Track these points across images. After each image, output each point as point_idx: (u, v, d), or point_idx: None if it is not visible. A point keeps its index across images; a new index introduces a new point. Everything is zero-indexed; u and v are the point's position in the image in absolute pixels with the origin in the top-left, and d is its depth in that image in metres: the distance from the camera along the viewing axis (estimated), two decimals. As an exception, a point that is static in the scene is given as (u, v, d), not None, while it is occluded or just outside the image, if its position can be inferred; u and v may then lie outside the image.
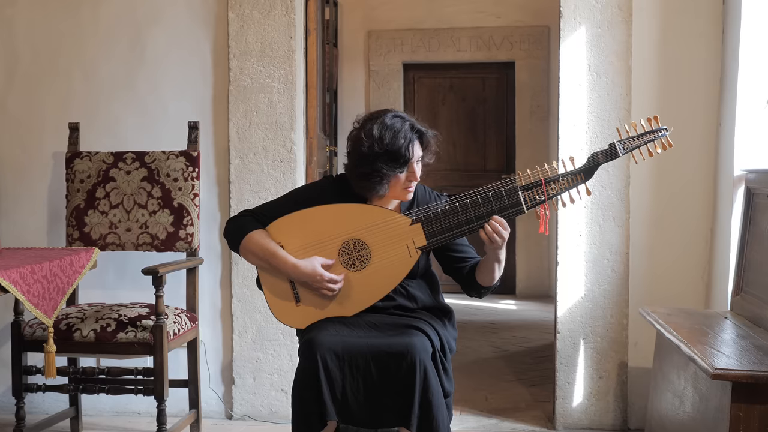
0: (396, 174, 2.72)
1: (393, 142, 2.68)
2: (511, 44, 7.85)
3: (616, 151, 2.66)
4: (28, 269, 2.85)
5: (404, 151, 2.69)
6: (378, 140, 2.68)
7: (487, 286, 2.81)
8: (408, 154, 2.70)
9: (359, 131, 2.75)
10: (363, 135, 2.72)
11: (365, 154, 2.70)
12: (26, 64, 4.12)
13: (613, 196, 3.80)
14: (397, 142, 2.68)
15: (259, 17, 3.94)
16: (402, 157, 2.69)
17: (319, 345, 2.59)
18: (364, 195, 2.81)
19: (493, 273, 2.75)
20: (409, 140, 2.70)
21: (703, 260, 3.81)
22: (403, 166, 2.71)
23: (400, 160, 2.69)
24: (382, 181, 2.71)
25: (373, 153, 2.68)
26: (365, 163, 2.71)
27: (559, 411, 3.87)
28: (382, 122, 2.71)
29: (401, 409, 2.57)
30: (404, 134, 2.70)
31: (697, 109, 3.78)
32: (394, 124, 2.71)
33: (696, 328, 3.01)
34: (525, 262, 7.95)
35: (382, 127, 2.70)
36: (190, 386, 3.72)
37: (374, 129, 2.70)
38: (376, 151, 2.68)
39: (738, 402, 2.45)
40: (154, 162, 3.77)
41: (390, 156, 2.68)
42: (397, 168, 2.70)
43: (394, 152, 2.68)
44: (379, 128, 2.70)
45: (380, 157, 2.68)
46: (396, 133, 2.69)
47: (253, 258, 2.80)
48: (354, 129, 2.80)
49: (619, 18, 3.77)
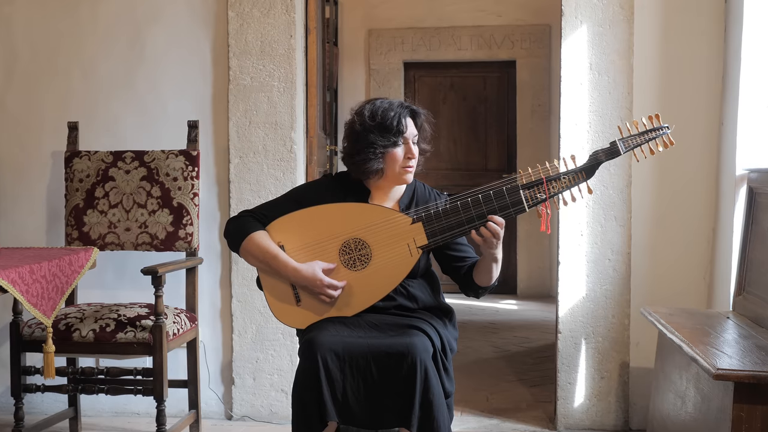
0: (391, 149, 2.75)
1: (384, 115, 2.76)
2: (512, 43, 7.83)
3: (618, 150, 2.65)
4: (26, 269, 2.84)
5: (395, 123, 2.75)
6: (370, 117, 2.77)
7: (485, 286, 2.81)
8: (401, 127, 2.75)
9: (352, 115, 2.85)
10: (355, 116, 2.82)
11: (358, 131, 2.78)
12: (25, 62, 4.11)
13: (614, 195, 3.79)
14: (387, 115, 2.76)
15: (258, 16, 3.93)
16: (394, 128, 2.74)
17: (319, 345, 2.58)
18: (362, 178, 2.82)
19: (490, 273, 2.75)
20: (400, 114, 2.77)
21: (705, 260, 3.80)
22: (396, 137, 2.75)
23: (392, 131, 2.74)
24: (376, 153, 2.75)
25: (365, 127, 2.76)
26: (359, 140, 2.77)
27: (561, 411, 3.86)
28: (373, 103, 2.82)
29: (402, 409, 2.56)
30: (394, 109, 2.79)
31: (699, 108, 3.77)
32: (383, 103, 2.82)
33: (698, 328, 3.01)
34: (526, 262, 7.94)
35: (373, 106, 2.80)
36: (190, 386, 3.71)
37: (365, 109, 2.81)
38: (368, 125, 2.76)
39: (740, 402, 2.44)
40: (153, 161, 3.76)
41: (382, 128, 2.75)
42: (391, 139, 2.74)
43: (385, 124, 2.75)
44: (371, 107, 2.80)
45: (373, 129, 2.75)
46: (386, 109, 2.78)
47: (253, 260, 2.79)
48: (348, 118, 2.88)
49: (621, 16, 3.76)
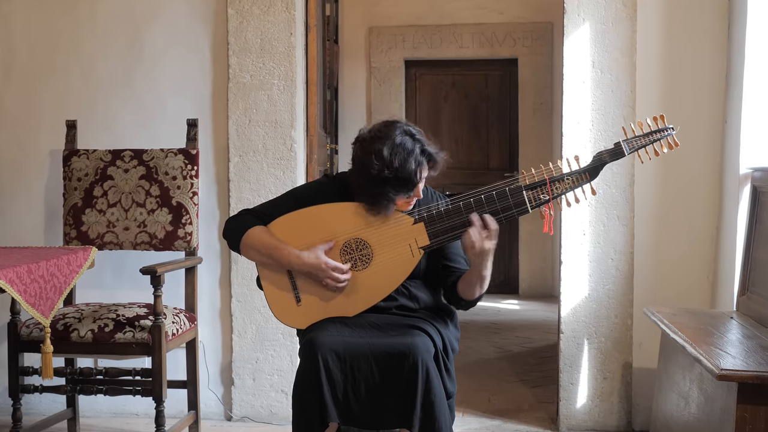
0: (403, 197, 2.69)
1: (403, 166, 2.60)
2: (514, 41, 7.82)
3: (622, 151, 2.64)
4: (24, 269, 2.82)
5: (413, 176, 2.64)
6: (388, 164, 2.60)
7: (466, 299, 2.78)
8: (416, 179, 2.66)
9: (368, 148, 2.65)
10: (373, 156, 2.62)
11: (373, 176, 2.62)
12: (23, 60, 4.09)
13: (617, 194, 3.77)
14: (407, 167, 2.61)
15: (258, 13, 3.92)
16: (411, 183, 2.65)
17: (320, 345, 2.57)
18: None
19: (473, 288, 2.72)
20: (419, 164, 2.64)
21: (708, 259, 3.78)
22: (411, 190, 2.67)
23: (408, 186, 2.65)
24: (389, 205, 2.67)
25: (381, 177, 2.61)
26: (374, 186, 2.64)
27: (563, 412, 3.85)
28: (393, 142, 2.62)
29: (403, 410, 2.55)
30: (415, 158, 2.63)
31: (703, 106, 3.76)
32: (405, 144, 2.63)
33: (701, 328, 3.00)
34: (528, 262, 7.93)
35: (392, 149, 2.61)
36: (189, 387, 3.70)
37: (384, 150, 2.61)
38: (386, 176, 2.61)
39: (744, 403, 2.44)
40: (152, 160, 3.74)
41: (399, 181, 2.63)
42: (405, 192, 2.66)
43: (403, 178, 2.62)
44: (389, 150, 2.61)
45: (389, 181, 2.61)
46: (406, 157, 2.61)
47: (254, 254, 2.77)
48: (361, 139, 2.70)
49: (624, 14, 3.75)
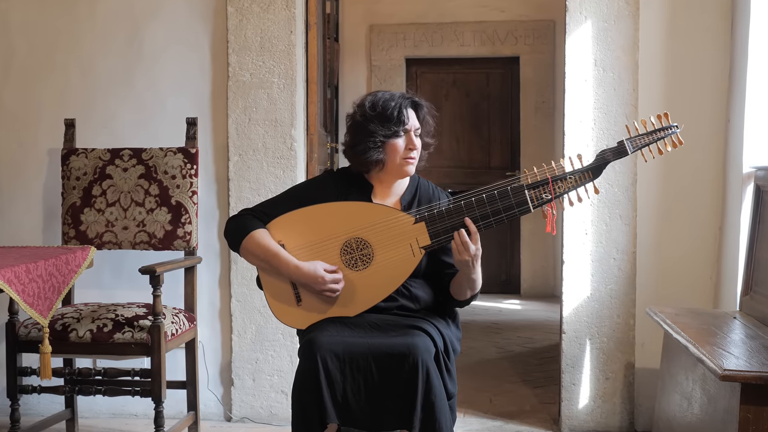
0: (392, 139, 2.73)
1: (385, 105, 2.74)
2: (516, 39, 7.80)
3: (625, 149, 2.62)
4: (23, 268, 2.82)
5: (396, 112, 2.72)
6: (370, 107, 2.76)
7: (457, 300, 2.78)
8: (402, 117, 2.73)
9: (353, 107, 2.83)
10: (356, 108, 2.81)
11: (359, 122, 2.77)
12: (22, 58, 4.08)
13: (619, 193, 3.75)
14: (388, 105, 2.74)
15: (258, 11, 3.90)
16: (395, 118, 2.72)
17: (319, 346, 2.56)
18: (363, 170, 2.81)
19: (462, 289, 2.74)
20: (401, 104, 2.76)
21: (711, 259, 3.76)
22: (397, 126, 2.72)
23: (393, 121, 2.72)
24: (377, 144, 2.73)
25: (366, 118, 2.75)
26: (360, 130, 2.76)
27: (565, 413, 3.83)
28: (375, 95, 2.81)
29: (403, 411, 2.54)
30: (396, 99, 2.77)
31: (706, 105, 3.75)
32: (384, 94, 2.80)
33: (704, 328, 2.99)
34: (530, 261, 7.91)
35: (375, 97, 2.79)
36: (189, 388, 3.68)
37: (366, 100, 2.79)
38: (369, 115, 2.75)
39: (747, 404, 2.43)
40: (151, 159, 3.73)
41: (383, 118, 2.74)
42: (392, 129, 2.72)
43: (386, 115, 2.73)
44: (372, 98, 2.79)
45: (373, 119, 2.74)
46: (387, 99, 2.76)
47: (253, 259, 2.77)
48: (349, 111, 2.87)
49: (626, 12, 3.73)
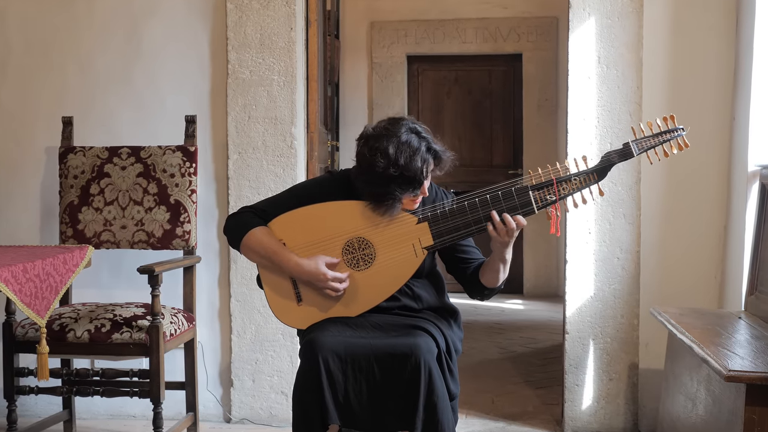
0: (409, 195, 2.64)
1: (408, 165, 2.55)
2: (518, 36, 7.77)
3: (631, 151, 2.61)
4: (20, 268, 2.81)
5: (419, 174, 2.58)
6: (393, 162, 2.55)
7: (491, 287, 2.75)
8: (422, 177, 2.60)
9: (374, 146, 2.59)
10: (378, 154, 2.57)
11: (378, 174, 2.57)
12: (19, 55, 4.06)
13: (623, 192, 3.73)
14: (413, 165, 2.56)
15: (258, 8, 3.88)
16: (417, 181, 2.59)
17: (320, 346, 2.55)
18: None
19: (498, 273, 2.70)
20: (425, 161, 2.59)
21: (716, 258, 3.74)
22: (417, 188, 2.62)
23: (414, 184, 2.60)
24: (394, 204, 2.63)
25: (387, 175, 2.56)
26: (379, 185, 2.59)
27: (568, 414, 3.81)
28: (398, 140, 2.57)
29: (405, 412, 2.53)
30: (421, 156, 2.57)
31: (710, 103, 3.72)
32: (410, 142, 2.57)
33: (709, 328, 2.98)
34: (533, 261, 7.89)
35: (398, 147, 2.56)
36: (187, 388, 3.67)
37: (390, 148, 2.56)
38: (391, 174, 2.55)
39: (752, 405, 2.41)
40: (150, 157, 3.71)
41: (405, 180, 2.57)
42: (411, 191, 2.62)
43: (409, 176, 2.57)
44: (395, 148, 2.56)
45: (395, 179, 2.56)
46: (412, 155, 2.56)
47: (254, 256, 2.75)
48: (366, 137, 2.65)
49: (630, 8, 3.71)
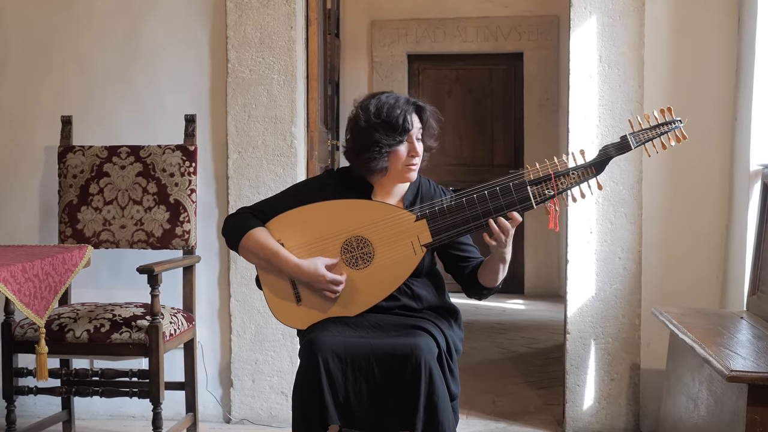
0: (396, 147, 2.70)
1: (390, 112, 2.69)
2: (519, 34, 7.76)
3: (628, 144, 2.59)
4: (19, 267, 2.81)
5: (401, 120, 2.69)
6: (375, 113, 2.71)
7: (489, 287, 2.76)
8: (407, 124, 2.69)
9: (356, 110, 2.77)
10: (360, 111, 2.75)
11: (363, 128, 2.72)
12: (18, 55, 4.05)
13: (624, 192, 3.72)
14: (393, 113, 2.69)
15: (258, 6, 3.87)
16: (400, 127, 2.69)
17: (320, 346, 2.54)
18: (365, 175, 2.77)
19: (497, 274, 2.70)
20: (406, 111, 2.71)
21: (718, 258, 3.73)
22: (402, 135, 2.69)
23: (398, 129, 2.69)
24: (381, 152, 2.69)
25: (370, 125, 2.70)
26: (364, 137, 2.71)
27: (569, 414, 3.80)
28: (378, 98, 2.75)
29: (405, 412, 2.52)
30: (400, 105, 2.72)
31: (712, 102, 3.71)
32: (389, 98, 2.75)
33: (711, 328, 2.97)
34: (533, 260, 7.87)
35: (379, 102, 2.73)
36: (187, 389, 3.67)
37: (370, 104, 2.74)
38: (374, 122, 2.69)
39: (754, 405, 2.41)
40: (149, 156, 3.70)
41: (388, 126, 2.69)
42: (396, 138, 2.69)
43: (391, 122, 2.69)
44: (376, 103, 2.73)
45: (378, 127, 2.69)
46: (392, 105, 2.71)
47: (252, 257, 2.75)
48: (355, 105, 2.81)
49: (632, 7, 3.70)
